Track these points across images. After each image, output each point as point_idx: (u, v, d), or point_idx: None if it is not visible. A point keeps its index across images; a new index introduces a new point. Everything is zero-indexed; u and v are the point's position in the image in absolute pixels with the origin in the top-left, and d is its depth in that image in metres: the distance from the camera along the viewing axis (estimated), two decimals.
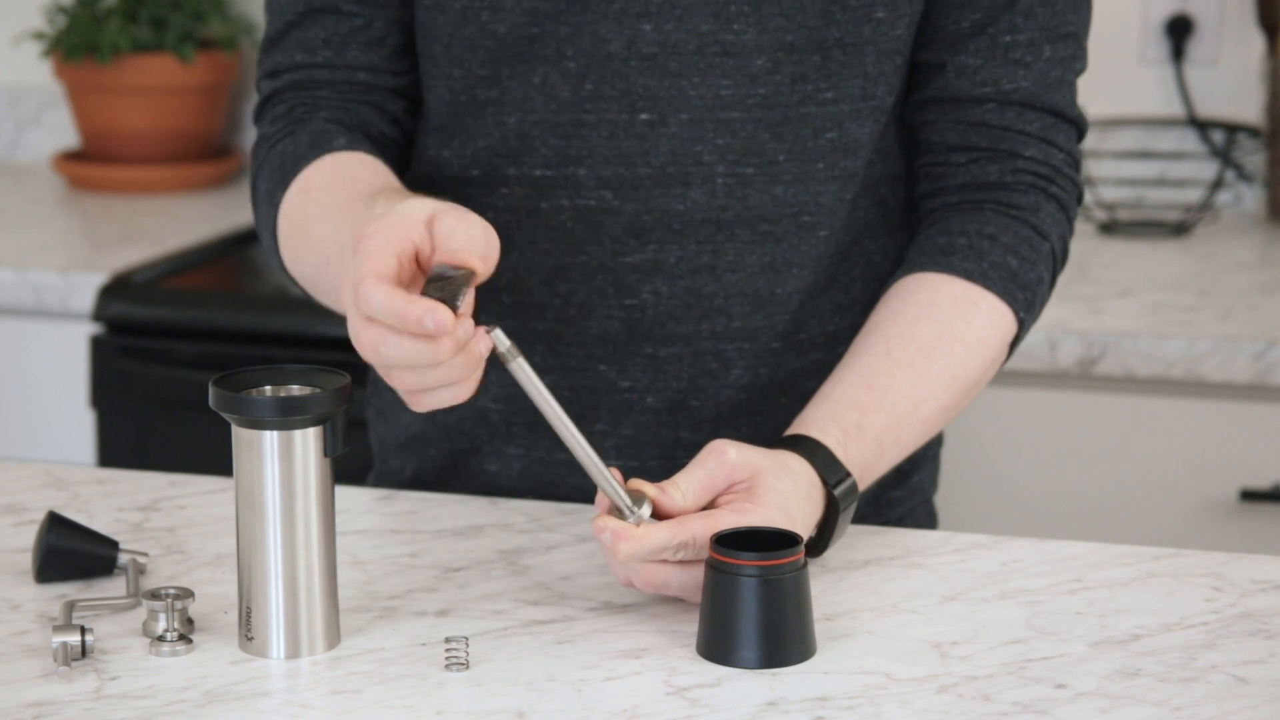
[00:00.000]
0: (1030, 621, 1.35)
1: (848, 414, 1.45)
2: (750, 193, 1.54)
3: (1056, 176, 1.57)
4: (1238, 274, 2.51)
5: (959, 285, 1.52)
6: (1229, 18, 2.79)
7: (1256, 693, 1.24)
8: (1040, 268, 1.55)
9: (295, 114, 1.58)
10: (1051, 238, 1.56)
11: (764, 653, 1.26)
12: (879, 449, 1.45)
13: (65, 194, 3.00)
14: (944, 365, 1.49)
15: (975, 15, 1.55)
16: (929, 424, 1.50)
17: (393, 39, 1.58)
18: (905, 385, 1.47)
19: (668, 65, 1.51)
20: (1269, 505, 2.22)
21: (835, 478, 1.40)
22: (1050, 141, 1.57)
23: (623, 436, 1.57)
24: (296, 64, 1.58)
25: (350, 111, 1.58)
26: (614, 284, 1.56)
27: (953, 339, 1.50)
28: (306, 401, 1.27)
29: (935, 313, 1.50)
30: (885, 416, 1.46)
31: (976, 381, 1.52)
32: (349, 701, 1.23)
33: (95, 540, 1.40)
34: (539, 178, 1.55)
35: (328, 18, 1.57)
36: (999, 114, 1.56)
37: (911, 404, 1.47)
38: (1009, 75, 1.55)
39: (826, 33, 1.52)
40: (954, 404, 1.51)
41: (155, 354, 2.50)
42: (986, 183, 1.57)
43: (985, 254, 1.53)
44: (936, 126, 1.58)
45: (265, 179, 1.55)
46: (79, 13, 2.97)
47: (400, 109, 1.60)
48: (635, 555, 1.30)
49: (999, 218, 1.55)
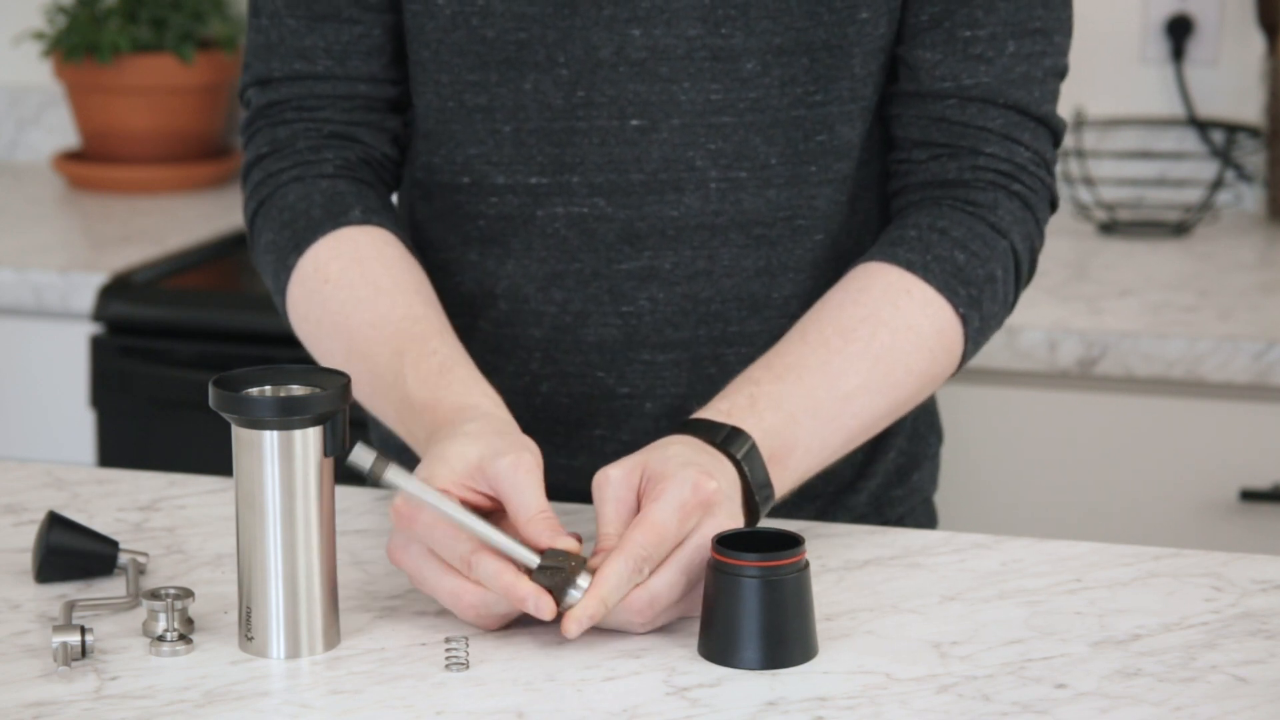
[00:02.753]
0: (1030, 621, 1.35)
1: (740, 389, 1.42)
2: (743, 197, 1.54)
3: (1020, 174, 1.54)
4: (1238, 274, 2.51)
5: (895, 273, 1.49)
6: (1229, 18, 2.79)
7: (1256, 693, 1.24)
8: (993, 265, 1.52)
9: (301, 149, 1.56)
10: (1011, 235, 1.53)
11: (766, 654, 1.26)
12: (784, 414, 1.41)
13: (65, 194, 3.00)
14: (864, 346, 1.45)
15: (934, 8, 1.53)
16: (856, 400, 1.45)
17: (389, 47, 1.57)
18: (816, 361, 1.44)
19: (658, 70, 1.51)
20: (1269, 505, 2.22)
21: (719, 436, 1.37)
22: (1014, 139, 1.54)
23: (621, 443, 1.57)
24: (296, 74, 1.57)
25: (355, 140, 1.57)
26: (610, 291, 1.55)
27: (876, 322, 1.46)
28: (307, 401, 1.26)
29: (863, 298, 1.48)
30: (787, 387, 1.42)
31: (909, 367, 1.47)
32: (349, 701, 1.23)
33: (95, 540, 1.40)
34: (532, 185, 1.55)
35: (328, 25, 1.55)
36: (960, 110, 1.54)
37: (825, 378, 1.44)
38: (969, 70, 1.53)
39: (813, 35, 1.51)
40: (887, 387, 1.46)
41: (155, 354, 2.50)
42: (946, 180, 1.55)
43: (931, 246, 1.50)
44: (901, 121, 1.57)
45: (271, 229, 1.55)
46: (79, 13, 2.97)
47: (398, 125, 1.60)
48: (612, 601, 1.28)
49: (954, 213, 1.53)
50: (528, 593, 1.26)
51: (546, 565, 1.28)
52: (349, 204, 1.53)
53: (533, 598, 1.26)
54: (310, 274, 1.52)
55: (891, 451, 1.66)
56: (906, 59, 1.55)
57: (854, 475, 1.64)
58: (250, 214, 1.58)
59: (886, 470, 1.66)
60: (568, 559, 1.28)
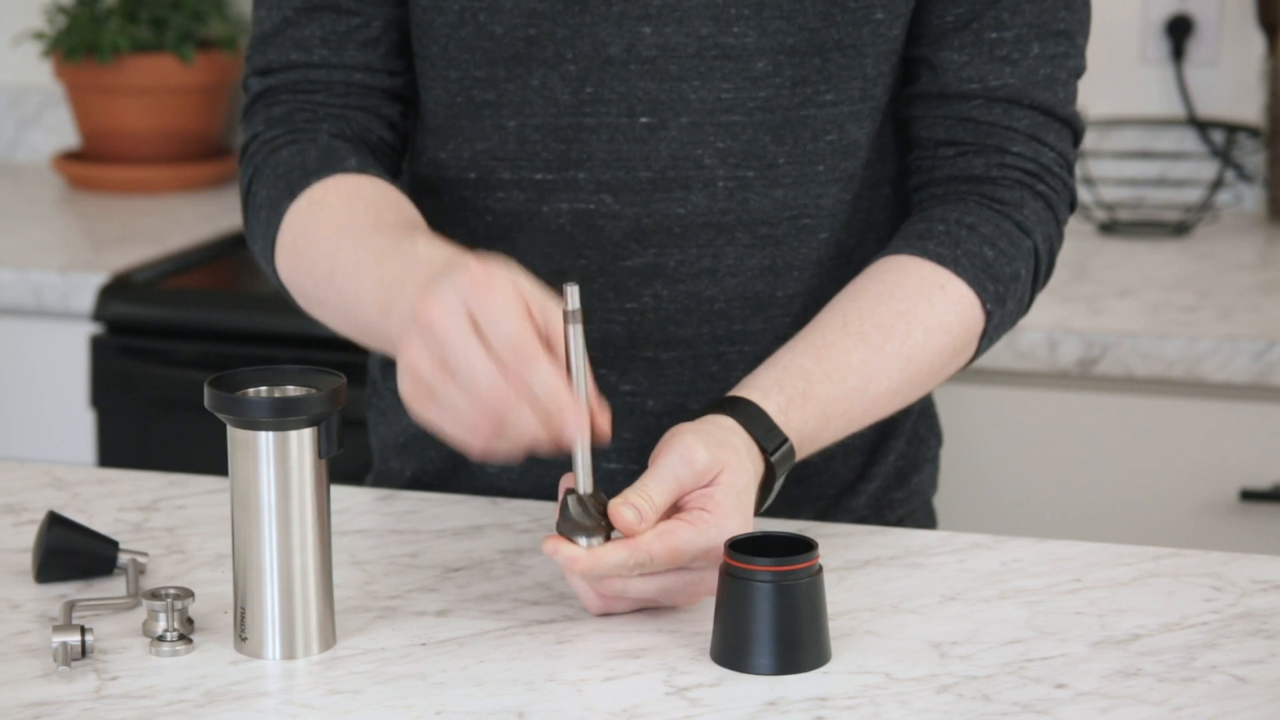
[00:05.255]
0: (1030, 621, 1.35)
1: (794, 382, 1.43)
2: (750, 196, 1.54)
3: (1045, 175, 1.56)
4: (1238, 274, 2.51)
5: (928, 268, 1.50)
6: (1229, 18, 2.79)
7: (1256, 693, 1.24)
8: (1018, 263, 1.53)
9: (296, 120, 1.56)
10: (1035, 235, 1.54)
11: (778, 659, 1.26)
12: (823, 419, 1.44)
13: (65, 194, 3.00)
14: (899, 345, 1.47)
15: (959, 9, 1.54)
16: (879, 402, 1.48)
17: (388, 38, 1.57)
18: (857, 360, 1.46)
19: (667, 68, 1.51)
20: (1269, 505, 2.22)
21: (773, 444, 1.39)
22: (1039, 140, 1.55)
23: (624, 440, 1.57)
24: (292, 63, 1.57)
25: (350, 121, 1.56)
26: (614, 288, 1.55)
27: (912, 319, 1.48)
28: (301, 402, 1.26)
29: (899, 292, 1.49)
30: (833, 388, 1.44)
31: (933, 366, 1.50)
32: (349, 701, 1.23)
33: (95, 540, 1.40)
34: (539, 181, 1.55)
35: (325, 15, 1.56)
36: (986, 110, 1.55)
37: (862, 380, 1.46)
38: (995, 71, 1.54)
39: (826, 35, 1.51)
40: (907, 386, 1.49)
41: (155, 354, 2.50)
42: (972, 176, 1.56)
43: (961, 241, 1.52)
44: (925, 122, 1.57)
45: (266, 185, 1.53)
46: (79, 13, 2.97)
47: (395, 113, 1.60)
48: (591, 573, 1.30)
49: (981, 209, 1.54)
50: (572, 415, 1.24)
51: (586, 503, 1.30)
52: (345, 155, 1.52)
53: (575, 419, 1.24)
54: (304, 207, 1.50)
55: (891, 454, 1.66)
56: (931, 60, 1.55)
57: (854, 478, 1.64)
58: (246, 182, 1.56)
59: (886, 473, 1.66)
60: (602, 517, 1.30)
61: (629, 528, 1.30)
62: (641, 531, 1.30)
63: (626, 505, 1.30)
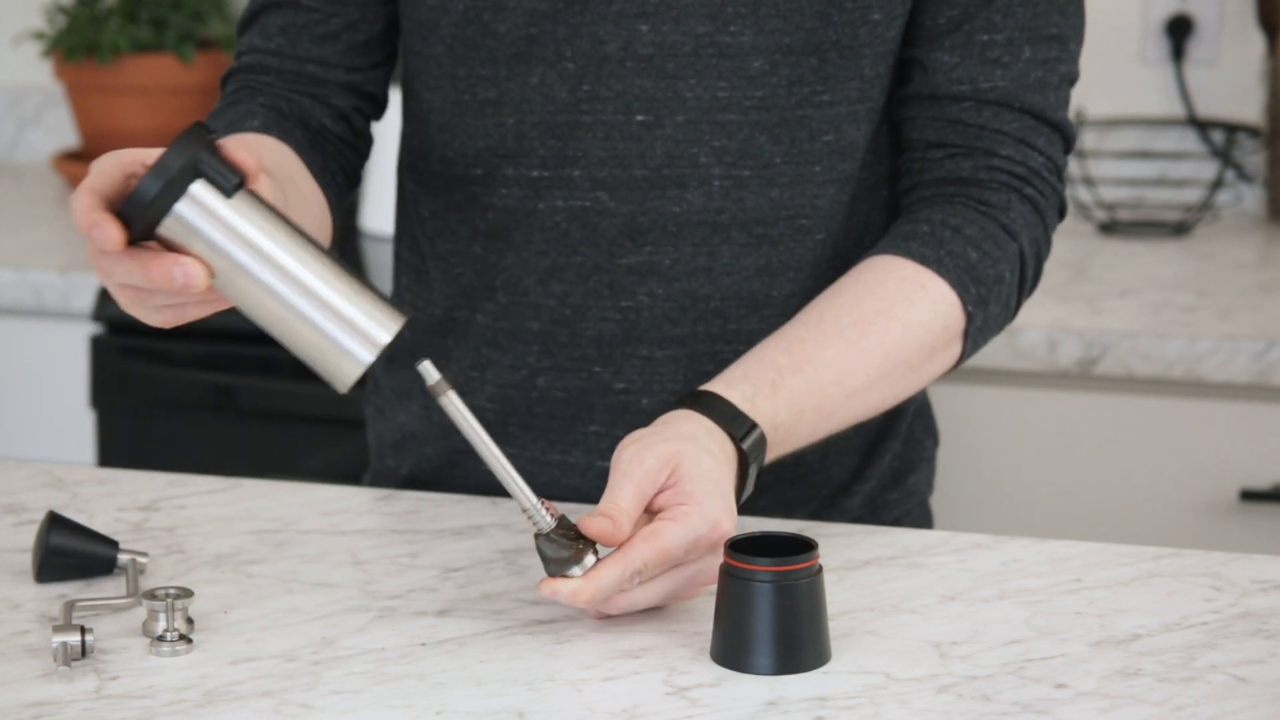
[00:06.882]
0: (1030, 621, 1.35)
1: (763, 373, 1.43)
2: (746, 195, 1.54)
3: (1033, 179, 1.55)
4: (1238, 274, 2.51)
5: (910, 268, 1.50)
6: (1229, 18, 2.79)
7: (1256, 693, 1.24)
8: (1002, 266, 1.53)
9: (237, 96, 1.59)
10: (1021, 239, 1.54)
11: (778, 659, 1.26)
12: (796, 410, 1.43)
13: (65, 194, 3.00)
14: (877, 341, 1.47)
15: (952, 11, 1.54)
16: (857, 397, 1.47)
17: (349, 36, 1.59)
18: (831, 355, 1.46)
19: (664, 67, 1.51)
20: (1269, 505, 2.22)
21: (741, 430, 1.39)
22: (1029, 144, 1.55)
23: (617, 438, 1.56)
24: (254, 48, 1.61)
25: (291, 101, 1.59)
26: (609, 285, 1.56)
27: (890, 316, 1.48)
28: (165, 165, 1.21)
29: (880, 290, 1.49)
30: (805, 380, 1.44)
31: (912, 364, 1.49)
32: (349, 701, 1.23)
33: (95, 540, 1.40)
34: (535, 178, 1.55)
35: (286, 9, 1.59)
36: (975, 113, 1.55)
37: (837, 373, 1.46)
38: (985, 74, 1.54)
39: (823, 35, 1.51)
40: (886, 382, 1.49)
41: (155, 354, 2.49)
42: (960, 178, 1.55)
43: (945, 242, 1.51)
44: (915, 123, 1.57)
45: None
46: (79, 13, 2.97)
47: (348, 105, 1.61)
48: (595, 600, 1.30)
49: (967, 211, 1.54)
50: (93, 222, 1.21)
51: (556, 538, 1.29)
52: (252, 117, 1.53)
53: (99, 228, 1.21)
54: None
55: (887, 455, 1.66)
56: (923, 61, 1.55)
57: (849, 478, 1.64)
58: None
59: (882, 473, 1.66)
60: (577, 540, 1.29)
61: (608, 536, 1.30)
62: (620, 537, 1.30)
63: (598, 517, 1.31)
